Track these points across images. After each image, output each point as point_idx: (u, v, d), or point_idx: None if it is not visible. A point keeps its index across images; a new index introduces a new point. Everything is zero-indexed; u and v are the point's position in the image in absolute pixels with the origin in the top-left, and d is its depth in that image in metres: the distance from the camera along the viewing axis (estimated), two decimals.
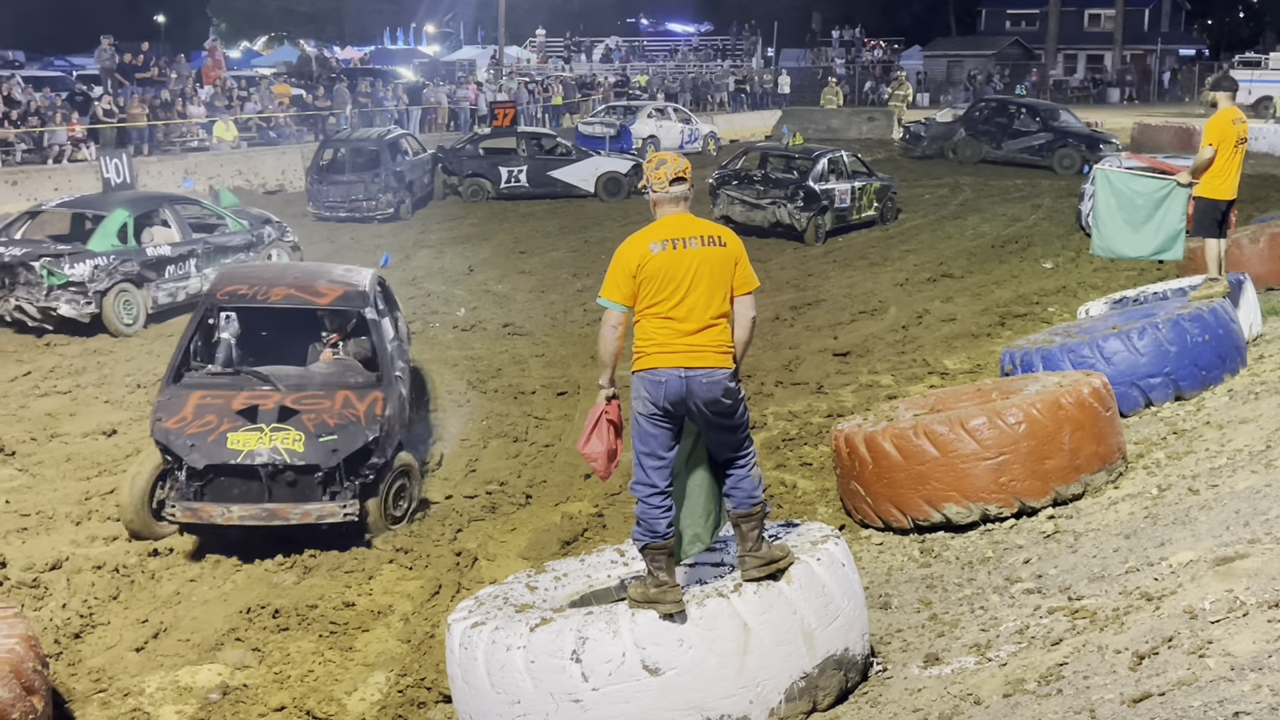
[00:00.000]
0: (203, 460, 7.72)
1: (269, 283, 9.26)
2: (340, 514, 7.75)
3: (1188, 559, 5.16)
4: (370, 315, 9.01)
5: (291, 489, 7.82)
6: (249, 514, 7.67)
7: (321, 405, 8.14)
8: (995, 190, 25.95)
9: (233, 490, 7.80)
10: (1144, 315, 9.57)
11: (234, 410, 8.02)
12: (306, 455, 7.76)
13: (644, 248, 4.97)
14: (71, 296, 13.07)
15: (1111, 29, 63.65)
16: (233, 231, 15.15)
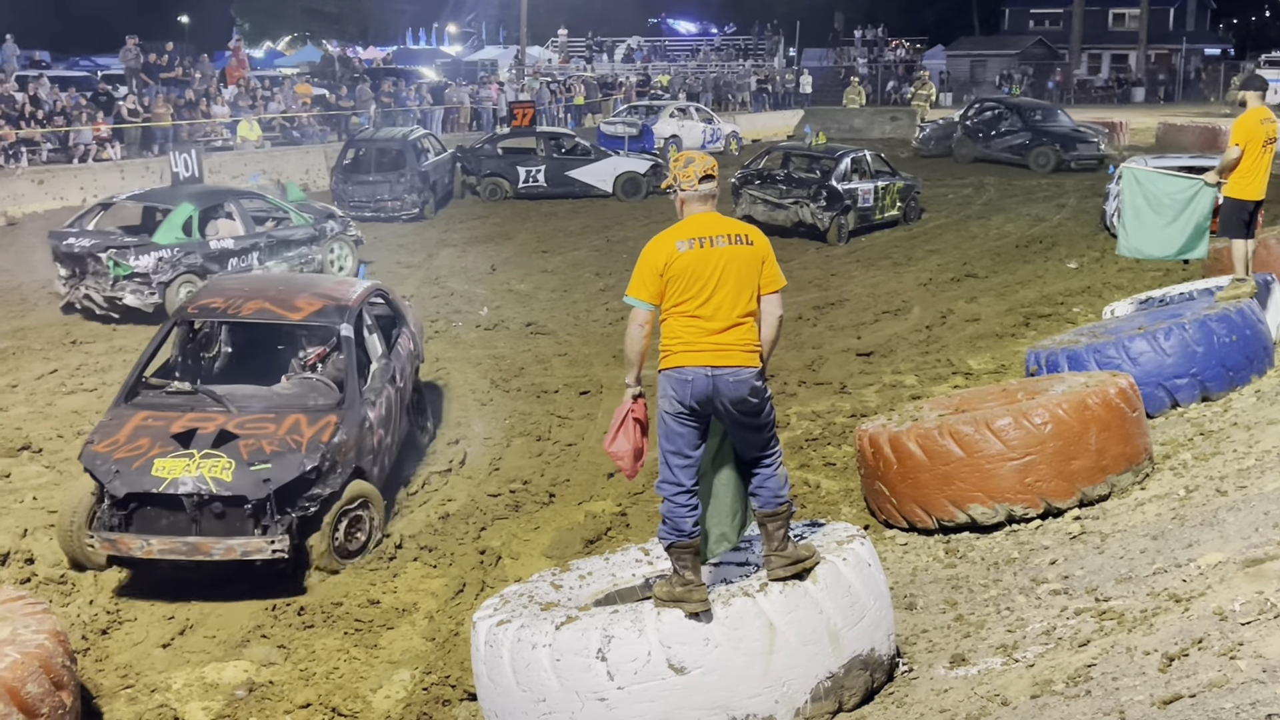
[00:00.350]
0: (124, 488, 7.17)
1: (246, 296, 8.77)
2: (268, 550, 7.08)
3: (1216, 560, 5.13)
4: (345, 332, 8.43)
5: (220, 521, 7.21)
6: (169, 548, 7.07)
7: (265, 430, 7.53)
8: (1019, 190, 25.84)
9: (160, 521, 7.23)
10: (1170, 316, 9.52)
11: (170, 434, 7.47)
12: (234, 485, 7.14)
13: (671, 246, 4.97)
14: (136, 287, 13.62)
15: (1136, 28, 63.35)
16: (296, 225, 15.49)
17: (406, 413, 9.36)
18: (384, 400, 8.57)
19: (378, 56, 47.62)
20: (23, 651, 4.94)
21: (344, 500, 7.58)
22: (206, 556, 7.06)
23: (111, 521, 7.22)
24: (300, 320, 8.65)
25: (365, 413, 8.13)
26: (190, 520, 7.20)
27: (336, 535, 7.55)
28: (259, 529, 7.19)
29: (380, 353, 8.95)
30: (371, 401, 8.32)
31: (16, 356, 12.32)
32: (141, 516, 7.24)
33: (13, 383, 11.36)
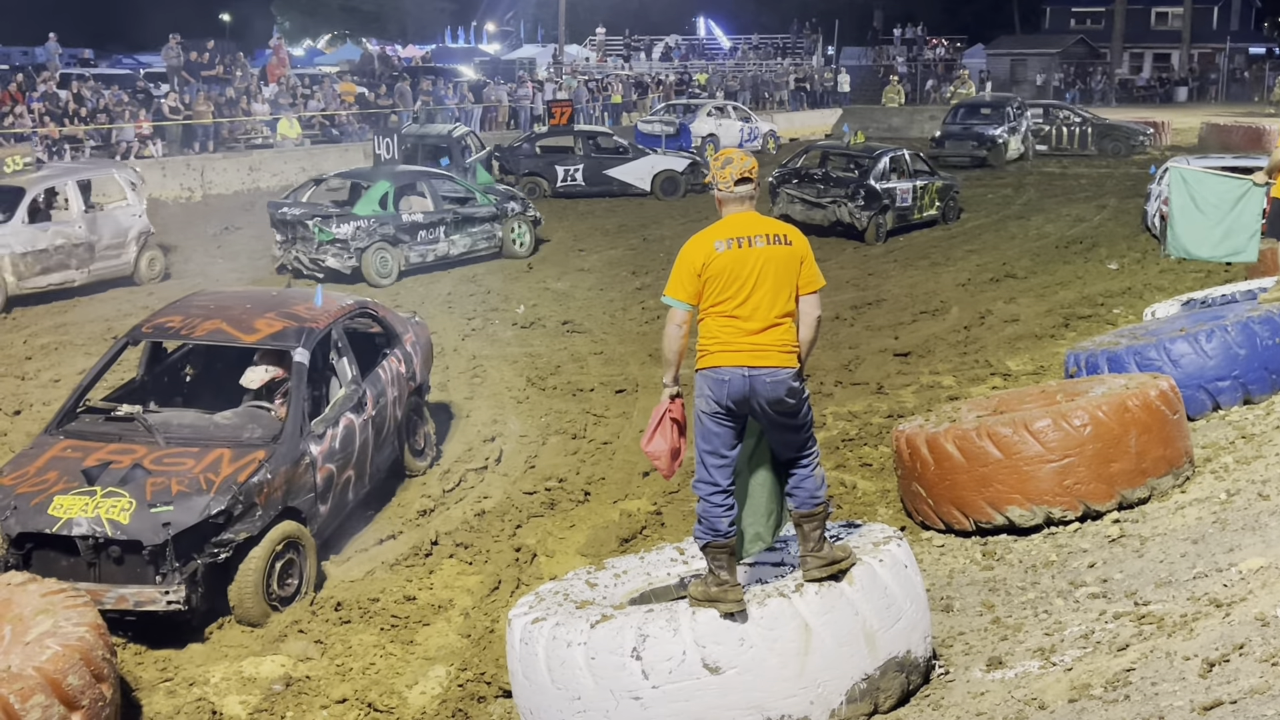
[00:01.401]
0: (17, 527, 6.67)
1: (206, 315, 8.22)
2: (161, 601, 6.52)
3: (1258, 565, 5.08)
4: (298, 358, 7.80)
5: (119, 566, 6.64)
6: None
7: (181, 466, 6.95)
8: (1059, 190, 25.66)
9: (59, 563, 6.66)
10: (1212, 317, 9.42)
11: (81, 468, 6.91)
12: (130, 528, 6.57)
13: (709, 246, 4.97)
14: (337, 251, 15.79)
15: (1179, 27, 62.73)
16: (480, 205, 17.73)
17: (386, 440, 8.72)
18: (340, 431, 7.92)
19: (416, 55, 47.82)
20: (64, 644, 5.00)
21: (267, 545, 6.95)
22: (100, 604, 6.20)
23: (10, 562, 6.69)
24: (254, 343, 8.00)
25: (307, 448, 7.49)
26: (88, 564, 6.64)
27: (270, 582, 6.98)
28: (158, 576, 6.61)
29: (350, 377, 8.34)
30: (319, 435, 7.68)
31: (59, 351, 12.46)
32: (40, 558, 6.71)
33: (55, 378, 11.49)
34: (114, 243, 15.94)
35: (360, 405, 8.28)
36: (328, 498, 7.70)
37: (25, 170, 16.01)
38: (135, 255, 16.28)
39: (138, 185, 16.74)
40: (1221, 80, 60.18)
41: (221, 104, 26.55)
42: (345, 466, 7.94)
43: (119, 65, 37.93)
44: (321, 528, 7.66)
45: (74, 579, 6.39)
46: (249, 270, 17.09)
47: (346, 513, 8.14)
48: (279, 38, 35.93)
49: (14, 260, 14.57)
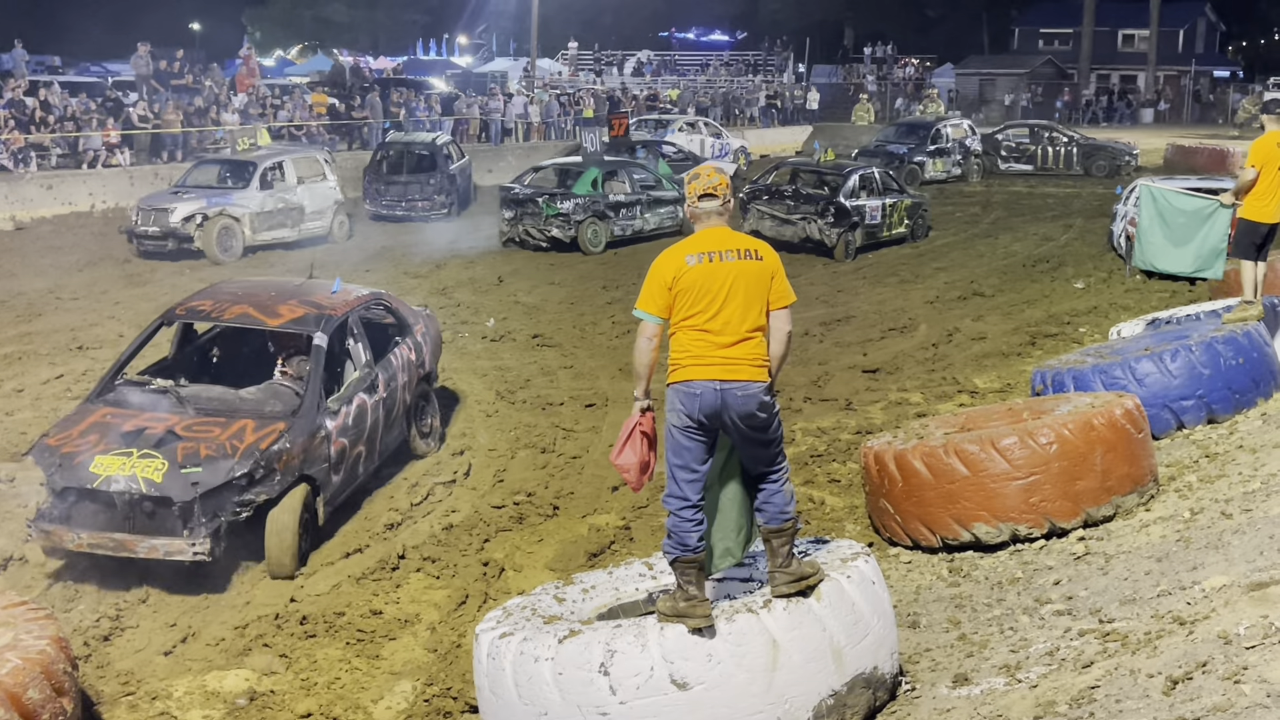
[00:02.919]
0: (61, 482, 7.42)
1: (234, 300, 8.95)
2: (188, 552, 7.21)
3: (1221, 583, 5.12)
4: (317, 341, 8.47)
5: (150, 520, 7.37)
6: (97, 542, 7.30)
7: (210, 433, 7.67)
8: (1027, 209, 25.87)
9: (98, 516, 7.41)
10: (1177, 337, 9.51)
11: (121, 432, 7.67)
12: (163, 486, 7.30)
13: (680, 260, 4.98)
14: (560, 224, 19.70)
15: (1145, 49, 63.41)
16: (665, 190, 21.51)
17: (395, 421, 9.37)
18: (353, 410, 8.60)
19: (388, 66, 47.75)
20: (24, 657, 4.94)
21: (287, 503, 7.67)
22: (131, 554, 7.25)
23: (52, 514, 7.41)
24: (277, 326, 8.70)
25: (322, 422, 8.15)
26: (124, 517, 7.36)
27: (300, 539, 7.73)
28: (186, 530, 7.29)
29: (364, 362, 9.00)
30: (333, 411, 8.34)
31: (23, 361, 12.34)
32: (80, 511, 7.41)
33: (19, 387, 11.38)
34: (317, 208, 20.39)
35: (372, 387, 8.98)
36: (340, 468, 8.38)
37: (252, 149, 20.65)
38: (330, 220, 20.79)
39: (332, 164, 21.43)
40: (1187, 102, 60.86)
41: (190, 113, 26.42)
42: (357, 442, 8.64)
43: (87, 73, 37.61)
44: (333, 495, 8.33)
45: (110, 530, 7.30)
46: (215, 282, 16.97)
47: (356, 484, 8.76)
48: (249, 48, 35.77)
49: (250, 218, 19.08)
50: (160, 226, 18.37)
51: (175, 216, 18.36)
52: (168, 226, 18.32)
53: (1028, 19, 72.33)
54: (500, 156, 31.71)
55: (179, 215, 18.38)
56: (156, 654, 6.67)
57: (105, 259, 18.45)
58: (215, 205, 18.75)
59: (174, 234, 18.32)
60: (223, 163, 20.49)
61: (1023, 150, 33.08)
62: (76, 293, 15.90)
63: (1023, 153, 32.98)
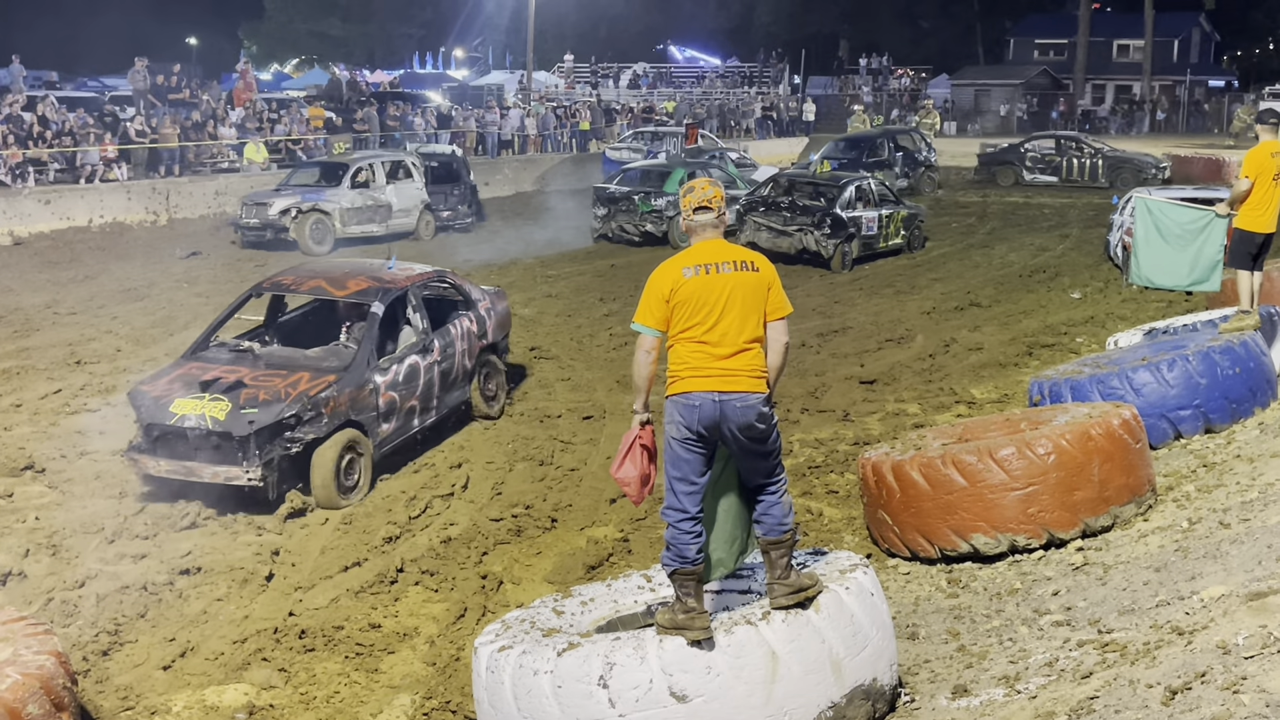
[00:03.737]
0: (146, 419, 8.97)
1: (312, 276, 10.57)
2: (243, 478, 8.64)
3: (1219, 593, 5.12)
4: (374, 309, 9.85)
5: (216, 452, 8.78)
6: (173, 469, 8.79)
7: (270, 383, 9.09)
8: (1023, 219, 25.93)
9: (175, 448, 8.85)
10: (1174, 347, 9.53)
11: (199, 381, 9.14)
12: (226, 424, 8.71)
13: (677, 273, 5.00)
14: (654, 220, 21.72)
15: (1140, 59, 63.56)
16: (740, 190, 22.71)
17: (455, 383, 10.69)
18: (404, 369, 9.91)
19: (385, 80, 47.82)
20: (24, 672, 4.93)
21: (332, 444, 8.94)
22: (199, 479, 8.74)
23: (141, 446, 8.98)
24: (344, 297, 10.20)
25: (371, 377, 9.49)
26: (194, 449, 8.80)
27: (339, 475, 8.99)
28: (243, 460, 8.63)
29: (421, 329, 10.33)
30: (384, 369, 9.68)
31: (21, 376, 12.33)
32: (163, 443, 8.90)
33: (16, 402, 11.37)
34: (404, 207, 22.48)
35: (426, 350, 10.28)
36: (390, 418, 9.71)
37: (346, 153, 23.69)
38: (416, 218, 22.71)
39: (420, 168, 23.18)
40: (1182, 112, 60.99)
41: (187, 128, 26.44)
42: (409, 396, 9.95)
43: (84, 88, 37.62)
44: (383, 441, 9.64)
45: (185, 459, 8.80)
46: (214, 296, 17.01)
47: (411, 434, 10.08)
48: (246, 62, 35.85)
49: (341, 213, 21.29)
50: (260, 219, 20.82)
51: (273, 210, 20.79)
52: (266, 219, 20.75)
53: (1022, 29, 72.50)
54: (497, 169, 31.76)
55: (276, 209, 20.78)
56: (155, 669, 6.66)
57: (102, 274, 18.45)
58: (309, 200, 21.07)
59: (271, 225, 20.71)
60: (322, 164, 23.30)
61: (1048, 161, 32.69)
62: (74, 307, 15.90)
63: (1048, 164, 32.60)
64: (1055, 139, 34.44)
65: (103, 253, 20.44)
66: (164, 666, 6.68)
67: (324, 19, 67.03)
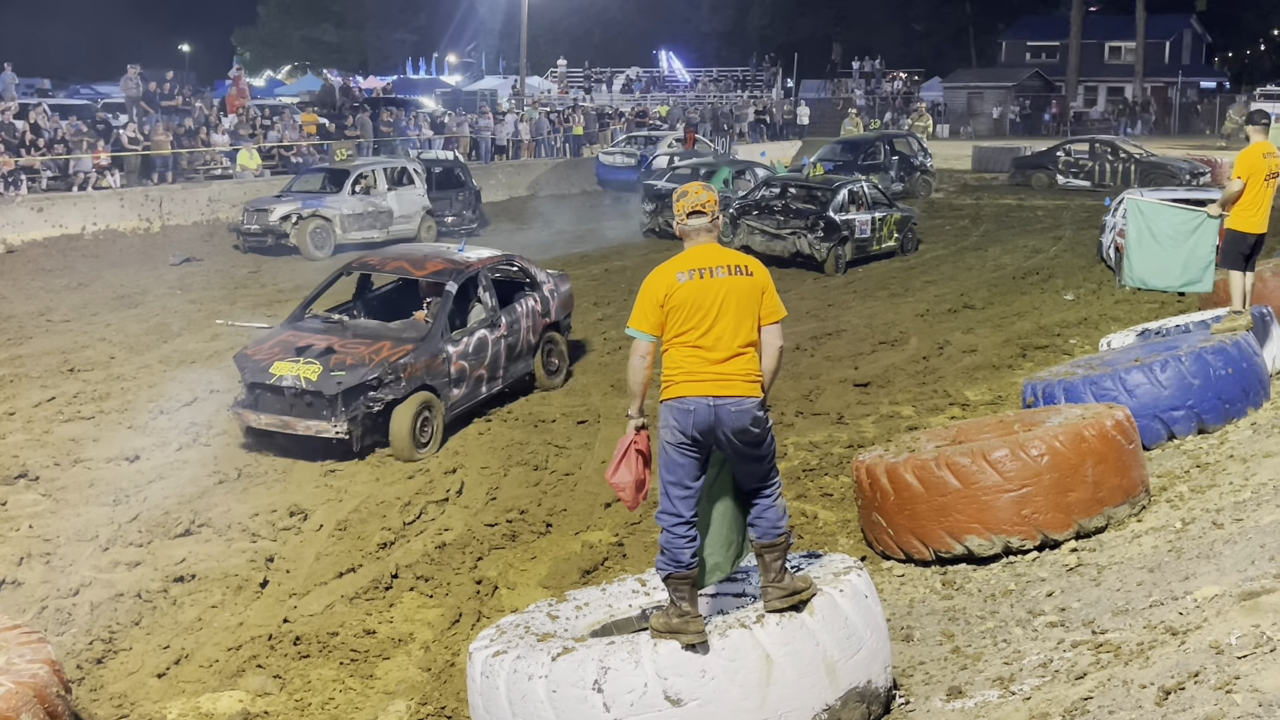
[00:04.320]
0: (249, 379, 10.31)
1: (395, 258, 12.06)
2: (331, 431, 9.89)
3: (1213, 593, 5.13)
4: (448, 287, 11.12)
5: (310, 408, 10.03)
6: (271, 422, 10.10)
7: (356, 350, 10.35)
8: (1016, 221, 25.96)
9: (273, 404, 10.15)
10: (1167, 348, 9.54)
11: (295, 346, 10.45)
12: (318, 384, 9.98)
13: (671, 277, 5.00)
14: None
15: (1132, 61, 63.73)
16: None
17: (520, 356, 11.88)
18: (473, 341, 11.16)
19: (378, 86, 47.81)
20: (17, 681, 4.92)
21: (409, 404, 10.19)
22: (293, 431, 10.04)
23: (244, 402, 10.30)
24: (423, 276, 11.48)
25: (444, 347, 10.75)
26: (289, 405, 10.09)
27: (415, 431, 10.24)
28: (331, 416, 9.93)
29: (489, 306, 11.54)
30: (455, 340, 10.95)
31: (14, 384, 12.32)
32: (263, 400, 10.21)
33: (10, 410, 11.36)
34: (405, 213, 22.62)
35: (494, 325, 11.52)
36: (460, 384, 10.97)
37: (349, 160, 23.82)
38: (418, 224, 22.81)
39: (422, 174, 23.41)
40: (1174, 113, 61.13)
41: (180, 134, 26.43)
42: (477, 365, 11.21)
43: (77, 96, 37.62)
44: (454, 404, 10.89)
45: (282, 414, 10.09)
46: (207, 303, 17.01)
47: (480, 399, 11.36)
48: (239, 68, 35.83)
49: (342, 219, 21.56)
50: (261, 224, 21.11)
51: (274, 216, 21.13)
52: (267, 224, 21.05)
53: (1014, 32, 72.63)
54: (491, 174, 31.75)
55: (277, 215, 21.12)
56: (150, 676, 6.64)
57: (96, 281, 18.43)
58: (310, 207, 21.37)
59: (272, 231, 21.01)
60: (324, 170, 23.40)
61: (1081, 165, 32.45)
62: (68, 315, 15.88)
63: (1081, 168, 32.34)
64: (1090, 143, 34.10)
65: (96, 260, 20.42)
66: (158, 674, 6.66)
67: (317, 25, 67.08)
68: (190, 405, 11.63)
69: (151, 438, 10.66)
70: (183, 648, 6.95)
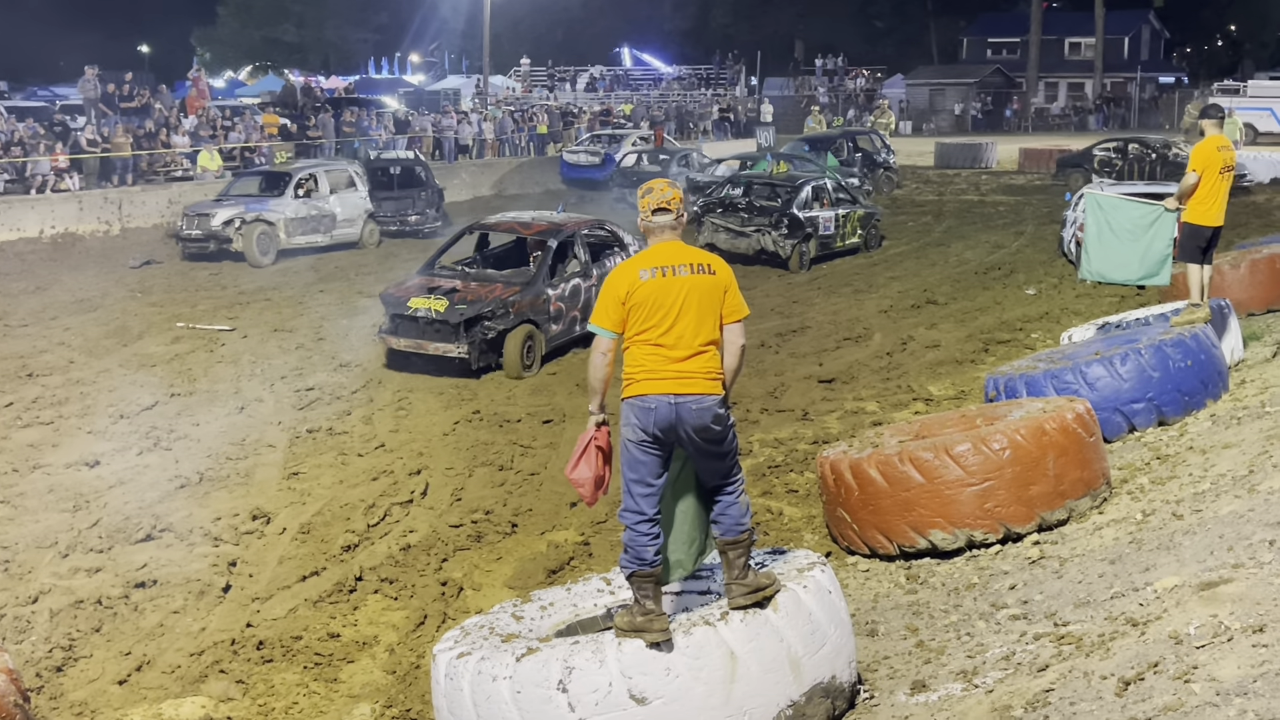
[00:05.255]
0: (391, 310, 13.26)
1: (507, 220, 15.13)
2: (455, 351, 12.64)
3: (1173, 584, 5.17)
4: (550, 244, 13.81)
5: (438, 333, 12.80)
6: (408, 344, 13.01)
7: (477, 291, 13.11)
8: (978, 217, 26.11)
9: (411, 330, 12.99)
10: (1127, 341, 9.61)
11: (426, 287, 13.31)
12: (444, 315, 12.76)
13: (634, 275, 4.99)
14: None
15: (1091, 57, 64.24)
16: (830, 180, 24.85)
17: None
18: (569, 286, 13.80)
19: (340, 86, 47.58)
20: None
21: (517, 333, 12.87)
22: (425, 351, 12.89)
23: (386, 329, 13.30)
24: (529, 234, 14.33)
25: (545, 290, 13.38)
26: (422, 331, 12.92)
27: (522, 355, 12.93)
28: (456, 340, 12.65)
29: (582, 260, 14.17)
30: (554, 284, 13.58)
31: None
32: (402, 327, 13.10)
33: None
34: (348, 217, 22.20)
35: (586, 276, 14.09)
36: (557, 322, 13.59)
37: (288, 162, 23.14)
38: (361, 228, 22.48)
39: (362, 176, 22.87)
40: (1133, 109, 61.68)
41: (140, 136, 26.19)
42: (572, 307, 13.81)
43: (34, 98, 37.24)
44: (552, 337, 13.53)
45: (416, 338, 12.96)
46: (168, 306, 16.87)
47: (572, 336, 13.80)
48: (199, 69, 35.60)
49: (285, 224, 20.96)
50: (203, 230, 20.49)
51: (216, 220, 20.46)
52: (209, 230, 20.42)
53: (975, 29, 73.14)
54: (455, 174, 31.64)
55: (219, 219, 20.44)
56: (110, 683, 6.57)
57: (54, 285, 18.24)
58: (253, 211, 20.67)
59: (215, 236, 20.40)
60: (263, 174, 22.90)
61: (1113, 165, 32.60)
62: (25, 319, 15.73)
63: (1113, 166, 32.50)
64: (1121, 141, 34.27)
65: (54, 264, 20.22)
66: (119, 681, 6.59)
67: (278, 25, 66.63)
68: (151, 409, 11.53)
69: (112, 442, 10.56)
70: (144, 654, 6.88)
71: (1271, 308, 12.81)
